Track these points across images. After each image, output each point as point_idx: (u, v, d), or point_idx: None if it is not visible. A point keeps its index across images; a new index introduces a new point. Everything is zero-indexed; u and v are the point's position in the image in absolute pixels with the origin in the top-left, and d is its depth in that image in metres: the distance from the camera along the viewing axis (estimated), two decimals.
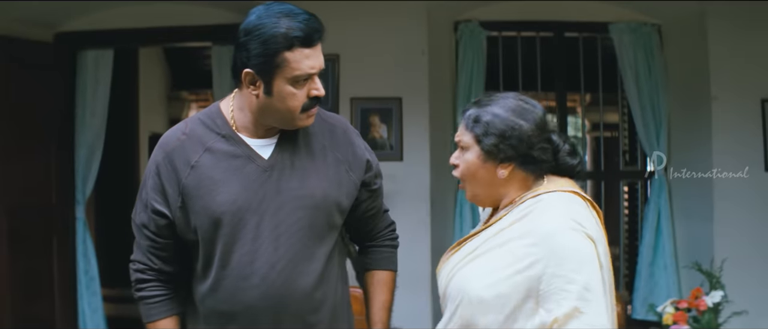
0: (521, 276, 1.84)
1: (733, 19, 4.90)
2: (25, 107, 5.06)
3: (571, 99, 6.75)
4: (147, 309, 2.20)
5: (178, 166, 2.09)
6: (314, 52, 2.01)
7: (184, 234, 2.12)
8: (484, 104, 1.99)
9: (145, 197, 2.14)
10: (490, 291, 1.86)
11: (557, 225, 1.86)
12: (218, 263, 2.07)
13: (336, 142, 2.20)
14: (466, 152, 1.99)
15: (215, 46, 5.44)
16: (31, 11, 5.00)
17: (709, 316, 4.02)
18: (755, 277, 4.69)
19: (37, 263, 5.16)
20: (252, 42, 1.99)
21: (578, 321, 1.79)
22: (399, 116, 4.90)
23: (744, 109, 4.88)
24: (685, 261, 4.83)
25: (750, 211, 4.83)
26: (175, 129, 2.18)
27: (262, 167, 2.09)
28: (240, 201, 2.05)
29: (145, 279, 2.18)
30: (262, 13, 2.02)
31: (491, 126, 1.95)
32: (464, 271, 1.94)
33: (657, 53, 5.15)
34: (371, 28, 4.94)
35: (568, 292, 1.80)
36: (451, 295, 1.96)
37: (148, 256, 2.17)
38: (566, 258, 1.82)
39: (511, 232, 1.92)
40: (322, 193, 2.11)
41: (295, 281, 2.07)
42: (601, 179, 6.03)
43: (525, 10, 5.26)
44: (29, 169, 5.11)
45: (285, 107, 2.03)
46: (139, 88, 7.65)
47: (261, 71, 2.00)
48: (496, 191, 2.01)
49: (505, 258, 1.88)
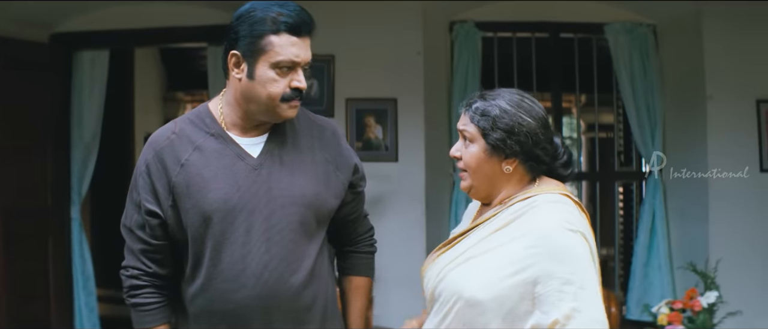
0: (518, 278, 1.85)
1: (728, 19, 4.90)
2: (21, 107, 5.05)
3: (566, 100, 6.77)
4: (140, 317, 2.18)
5: (168, 164, 2.09)
6: (301, 43, 2.04)
7: (175, 234, 2.12)
8: (490, 98, 1.99)
9: (137, 198, 2.14)
10: (487, 293, 1.86)
11: (553, 227, 1.87)
12: (208, 262, 2.07)
13: (325, 142, 2.22)
14: (471, 144, 2.00)
15: (211, 47, 5.43)
16: (26, 11, 5.00)
17: (704, 317, 4.02)
18: (750, 277, 4.69)
19: (33, 263, 5.15)
20: (241, 25, 2.04)
21: (577, 321, 1.81)
22: (394, 117, 4.90)
23: (739, 109, 4.89)
24: (680, 262, 4.83)
25: (745, 211, 4.83)
26: (164, 129, 2.19)
27: (251, 165, 2.10)
28: (231, 199, 2.06)
29: (140, 285, 2.17)
30: (256, 2, 2.07)
31: (499, 121, 1.95)
32: (458, 272, 1.94)
33: (652, 54, 5.16)
34: (366, 29, 4.95)
35: (566, 293, 1.82)
36: (443, 296, 1.95)
37: (141, 260, 2.15)
38: (562, 260, 1.83)
39: (505, 233, 1.92)
40: (312, 191, 2.12)
41: (287, 280, 2.07)
42: (596, 179, 6.04)
43: (520, 10, 5.26)
44: (25, 169, 5.11)
45: (266, 93, 2.05)
46: (135, 88, 7.64)
47: (246, 52, 2.05)
48: (496, 186, 2.02)
49: (501, 259, 1.88)
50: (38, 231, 5.21)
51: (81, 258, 5.33)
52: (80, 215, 5.38)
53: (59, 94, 5.26)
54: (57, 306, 5.24)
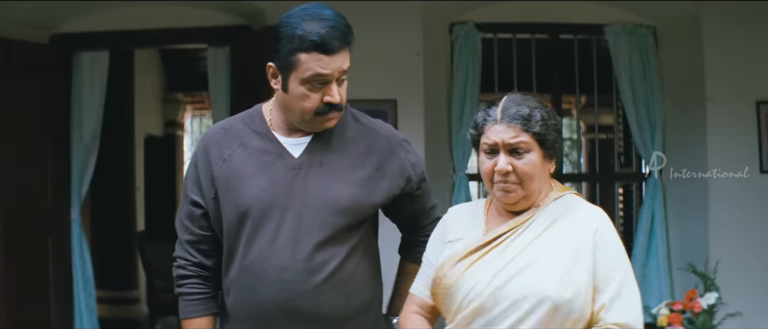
0: (586, 272, 1.90)
1: (728, 20, 4.90)
2: (21, 108, 5.05)
3: (566, 101, 6.79)
4: (185, 306, 2.20)
5: (213, 158, 2.14)
6: (332, 60, 2.02)
7: (216, 227, 2.16)
8: (518, 101, 1.97)
9: (185, 189, 2.21)
10: (570, 290, 1.87)
11: (600, 221, 1.98)
12: (240, 258, 2.09)
13: (374, 148, 2.17)
14: (527, 154, 1.94)
15: (211, 48, 5.44)
16: (26, 13, 5.00)
17: (704, 318, 4.03)
18: (750, 278, 4.69)
19: (33, 264, 5.15)
20: (276, 37, 2.04)
21: (621, 302, 1.91)
22: (394, 118, 4.88)
23: (739, 110, 4.89)
24: (679, 263, 4.83)
25: (745, 212, 4.83)
26: (217, 124, 2.26)
27: (290, 165, 2.11)
28: (266, 197, 2.07)
29: (185, 275, 2.20)
30: (295, 12, 2.06)
31: (547, 123, 1.95)
32: (529, 274, 1.90)
33: (652, 55, 5.15)
34: (366, 30, 4.88)
35: (613, 279, 1.91)
36: (512, 299, 1.88)
37: (188, 250, 2.19)
38: (612, 250, 1.95)
39: (556, 233, 1.95)
40: (348, 196, 2.09)
41: (305, 281, 2.05)
42: (596, 180, 6.04)
43: (520, 11, 5.26)
44: (25, 170, 5.11)
45: (299, 107, 2.06)
46: (135, 89, 7.67)
47: (279, 67, 2.06)
48: (541, 189, 2.01)
49: (567, 256, 1.91)
50: (38, 232, 5.21)
51: (81, 259, 5.33)
52: (80, 216, 5.38)
53: (59, 95, 5.26)
54: (56, 307, 5.23)
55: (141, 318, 7.37)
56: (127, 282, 7.69)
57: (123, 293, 7.59)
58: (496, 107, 1.98)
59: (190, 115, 10.37)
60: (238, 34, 5.15)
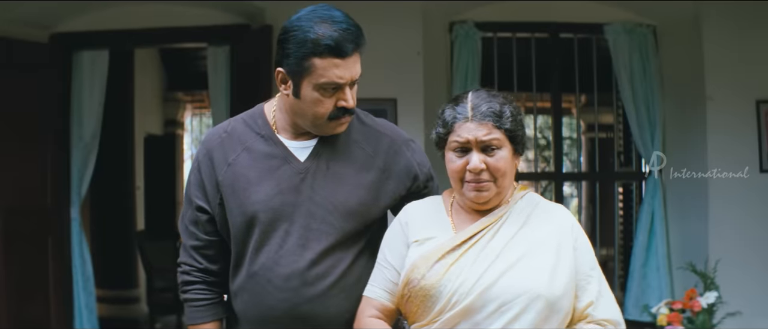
0: (569, 269, 1.90)
1: (728, 19, 4.90)
2: (21, 107, 5.06)
3: (566, 100, 6.78)
4: (191, 312, 2.18)
5: (216, 163, 2.11)
6: (346, 63, 2.00)
7: (223, 231, 2.13)
8: (487, 98, 1.95)
9: (188, 194, 2.17)
10: (559, 288, 1.87)
11: (570, 218, 1.99)
12: (248, 264, 2.07)
13: (379, 150, 2.16)
14: (498, 150, 1.92)
15: (210, 48, 5.44)
16: (26, 12, 5.00)
17: (704, 317, 4.03)
18: (750, 278, 4.69)
19: (33, 263, 5.15)
20: (286, 42, 1.99)
21: (605, 300, 1.93)
22: (394, 117, 4.88)
23: (739, 110, 4.89)
24: (679, 262, 4.83)
25: (745, 212, 4.83)
26: (218, 127, 2.21)
27: (296, 170, 2.07)
28: (273, 203, 2.04)
29: (191, 281, 2.17)
30: (304, 15, 2.01)
31: (516, 119, 1.94)
32: (517, 273, 1.86)
33: (652, 54, 5.15)
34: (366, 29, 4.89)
35: (592, 277, 1.93)
36: (504, 298, 1.84)
37: (193, 256, 2.17)
38: (587, 248, 1.97)
39: (533, 231, 1.94)
40: (356, 200, 2.07)
41: (313, 284, 2.03)
42: (596, 180, 6.04)
43: (520, 11, 5.26)
44: (25, 169, 5.11)
45: (312, 112, 2.03)
46: (135, 88, 7.66)
47: (290, 72, 2.00)
48: (509, 186, 2.00)
49: (551, 254, 1.90)
50: (38, 231, 5.21)
51: (81, 259, 5.33)
52: (80, 215, 5.38)
53: (59, 94, 5.26)
54: (56, 307, 5.23)
55: (141, 317, 7.36)
56: (127, 282, 7.68)
57: (123, 292, 7.58)
58: (464, 104, 1.96)
59: (190, 114, 10.38)
60: (237, 33, 5.15)
